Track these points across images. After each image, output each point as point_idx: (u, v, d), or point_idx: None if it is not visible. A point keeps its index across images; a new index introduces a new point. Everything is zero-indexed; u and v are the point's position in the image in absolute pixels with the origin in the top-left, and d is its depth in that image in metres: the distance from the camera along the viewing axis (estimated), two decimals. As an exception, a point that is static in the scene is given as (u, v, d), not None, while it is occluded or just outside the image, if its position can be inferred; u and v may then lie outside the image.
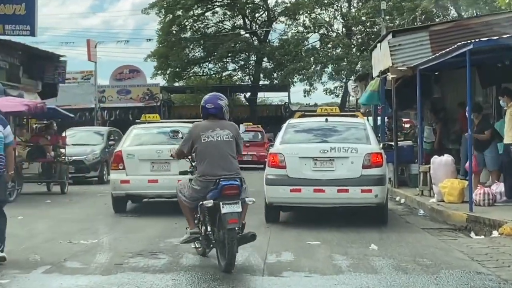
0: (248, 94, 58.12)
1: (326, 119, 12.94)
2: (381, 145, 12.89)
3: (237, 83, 57.96)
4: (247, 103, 58.34)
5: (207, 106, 8.63)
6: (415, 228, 11.97)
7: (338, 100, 54.74)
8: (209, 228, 8.33)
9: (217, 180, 8.16)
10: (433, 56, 14.89)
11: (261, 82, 55.85)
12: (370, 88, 20.36)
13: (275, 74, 53.24)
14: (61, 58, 30.16)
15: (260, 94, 58.90)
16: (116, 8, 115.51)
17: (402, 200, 16.12)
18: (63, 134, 21.29)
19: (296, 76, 51.30)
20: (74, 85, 53.69)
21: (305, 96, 55.43)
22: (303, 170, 11.92)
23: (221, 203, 8.02)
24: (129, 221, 12.85)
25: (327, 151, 11.94)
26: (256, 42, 54.29)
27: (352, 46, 50.97)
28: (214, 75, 58.93)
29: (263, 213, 12.51)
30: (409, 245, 9.97)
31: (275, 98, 61.71)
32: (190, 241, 8.72)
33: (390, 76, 17.03)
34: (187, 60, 54.89)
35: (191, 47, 54.44)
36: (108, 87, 53.40)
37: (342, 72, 50.35)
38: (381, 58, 19.56)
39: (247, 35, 55.10)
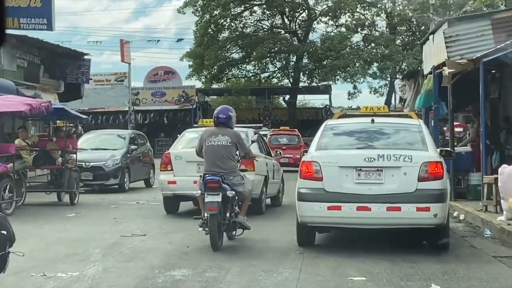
0: (287, 97, 55.85)
1: (372, 120, 10.55)
2: (439, 151, 10.45)
3: (277, 84, 55.70)
4: (286, 106, 56.05)
5: (220, 116, 10.64)
6: (484, 256, 9.55)
7: (382, 102, 52.30)
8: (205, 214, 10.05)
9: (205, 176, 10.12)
10: (503, 45, 12.43)
11: (301, 84, 53.52)
12: (425, 88, 17.79)
13: (316, 74, 50.86)
14: (85, 57, 28.19)
15: (300, 97, 56.49)
16: (157, 12, 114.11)
17: (462, 217, 13.67)
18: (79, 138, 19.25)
19: (338, 74, 48.84)
20: (108, 87, 52.21)
21: (349, 98, 53.12)
22: (343, 183, 9.60)
23: (205, 193, 10.01)
24: (133, 242, 10.63)
25: (374, 159, 9.59)
26: (296, 43, 52.00)
27: (398, 45, 48.36)
28: (252, 77, 56.78)
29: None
30: (483, 284, 7.60)
31: (315, 101, 59.22)
32: (200, 225, 10.12)
33: (446, 71, 14.56)
34: (224, 61, 52.88)
35: (228, 47, 52.27)
36: (143, 89, 51.71)
37: (387, 70, 47.85)
38: (434, 52, 17.13)
39: (287, 34, 52.84)
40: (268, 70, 55.21)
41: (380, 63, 47.99)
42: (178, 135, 45.57)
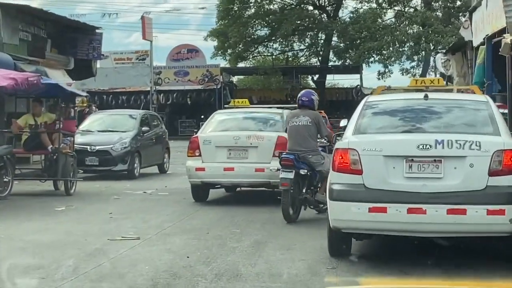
0: (316, 77, 53.33)
1: (426, 96, 8.16)
2: None
3: (305, 63, 53.13)
4: (314, 86, 53.52)
5: (303, 98, 11.14)
6: None
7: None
8: None
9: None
10: None
11: (330, 64, 50.97)
12: (478, 61, 15.30)
13: (347, 54, 48.21)
14: (97, 30, 25.98)
15: (329, 77, 53.88)
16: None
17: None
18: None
19: (373, 57, 46.18)
20: (129, 66, 50.10)
21: (379, 78, 50.37)
22: (390, 178, 7.31)
23: (280, 170, 10.64)
24: (120, 249, 8.43)
25: (430, 146, 7.26)
26: (325, 19, 49.41)
27: (435, 22, 45.58)
28: (280, 56, 54.30)
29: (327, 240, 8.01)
30: None
31: (344, 81, 56.69)
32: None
33: (508, 38, 12.10)
34: (250, 38, 50.46)
35: (254, 23, 49.74)
36: (165, 68, 49.53)
37: (422, 52, 45.24)
38: (488, 19, 14.67)
39: (315, 11, 50.24)
40: (296, 49, 52.66)
41: (415, 44, 45.28)
42: (202, 116, 43.98)
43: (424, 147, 7.25)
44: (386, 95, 8.87)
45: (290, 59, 54.62)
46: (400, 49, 45.54)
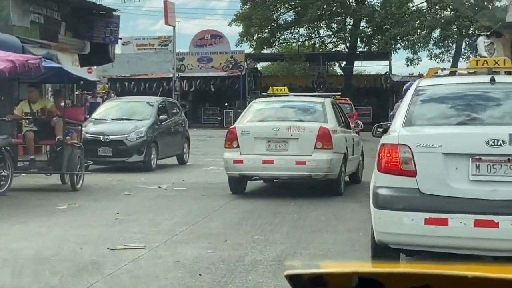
0: (343, 64, 51.66)
1: (492, 79, 6.64)
2: None
3: (331, 50, 51.41)
4: (341, 73, 51.90)
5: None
6: None
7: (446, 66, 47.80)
8: None
9: None
10: None
11: (358, 50, 49.23)
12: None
13: (374, 40, 46.51)
14: (114, 13, 24.61)
15: (357, 64, 52.16)
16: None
17: None
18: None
19: (399, 43, 44.45)
20: (151, 52, 48.82)
21: (407, 65, 48.55)
22: (451, 181, 5.82)
23: None
24: (118, 264, 7.02)
25: (504, 142, 5.76)
26: (353, 4, 47.66)
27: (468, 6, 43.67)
28: (306, 42, 52.63)
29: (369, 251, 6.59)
30: None
31: (372, 68, 54.87)
32: None
33: None
34: (275, 23, 48.84)
35: (278, 7, 48.07)
36: (188, 54, 48.10)
37: (450, 38, 43.45)
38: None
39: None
40: (322, 35, 50.95)
41: (443, 30, 43.45)
42: (226, 104, 42.46)
43: (495, 143, 5.75)
44: (441, 78, 7.36)
45: (317, 45, 52.98)
46: (427, 35, 43.67)
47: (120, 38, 24.96)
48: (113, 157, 17.25)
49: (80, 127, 13.74)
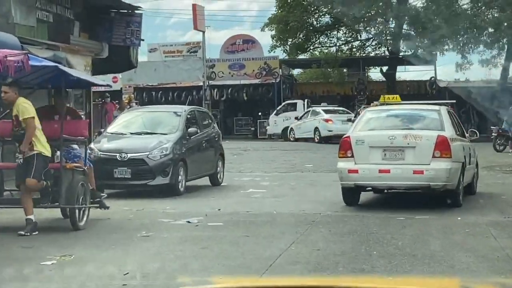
0: (385, 68, 48.16)
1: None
2: None
3: (370, 54, 48.01)
4: (384, 79, 48.39)
5: None
6: None
7: (497, 74, 44.24)
8: None
9: None
10: None
11: (401, 54, 45.70)
12: None
13: (419, 42, 42.95)
14: (136, 11, 21.56)
15: (400, 69, 48.54)
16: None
17: None
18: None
19: (447, 45, 40.92)
20: (179, 59, 46.00)
21: (457, 70, 44.92)
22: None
23: None
24: None
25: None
26: (395, 4, 44.24)
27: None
28: (343, 46, 49.33)
29: None
30: None
31: (416, 73, 51.26)
32: None
33: None
34: (312, 27, 45.63)
35: (316, 9, 44.83)
36: (219, 61, 45.08)
37: (504, 39, 39.85)
38: None
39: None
40: (362, 38, 47.58)
41: (495, 31, 39.87)
42: (260, 114, 39.38)
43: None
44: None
45: (355, 49, 49.67)
46: (478, 36, 40.10)
47: (143, 40, 21.85)
48: (133, 180, 14.15)
49: (85, 144, 10.49)
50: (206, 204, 12.79)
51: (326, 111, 36.47)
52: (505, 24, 39.59)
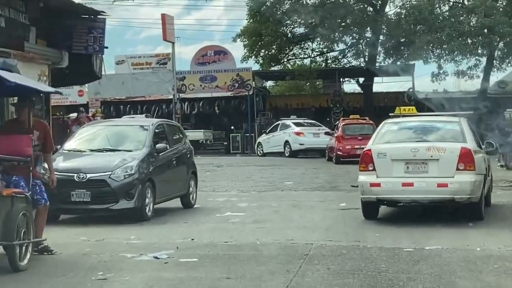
0: (361, 80, 46.70)
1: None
2: None
3: (347, 65, 46.52)
4: (360, 90, 46.94)
5: None
6: None
7: (478, 84, 42.97)
8: None
9: None
10: None
11: (378, 65, 44.21)
12: None
13: (399, 52, 41.52)
14: (99, 16, 19.69)
15: (377, 80, 47.03)
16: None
17: None
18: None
19: (432, 52, 39.49)
20: (148, 72, 44.32)
21: (433, 81, 43.52)
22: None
23: None
24: None
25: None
26: (371, 13, 42.85)
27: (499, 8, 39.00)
28: (318, 57, 47.83)
29: None
30: None
31: (394, 84, 49.80)
32: None
33: None
34: (286, 38, 44.13)
35: (289, 22, 43.26)
36: (189, 73, 43.32)
37: (488, 46, 38.55)
38: None
39: (361, 4, 43.56)
40: (337, 49, 46.08)
41: (480, 37, 38.58)
42: (232, 128, 37.72)
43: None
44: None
45: (330, 61, 48.22)
46: (464, 42, 38.70)
47: (106, 47, 19.88)
48: (93, 204, 12.33)
49: (29, 164, 8.60)
50: (177, 232, 11.01)
51: (297, 124, 35.06)
52: (485, 30, 38.41)
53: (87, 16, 19.28)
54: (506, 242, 9.41)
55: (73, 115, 25.73)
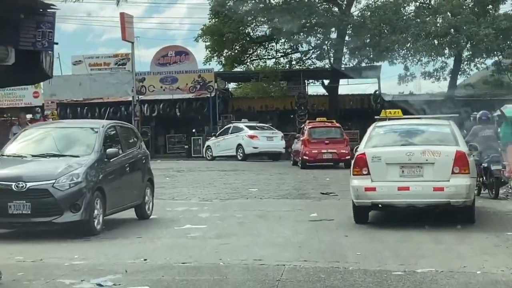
0: (326, 82, 45.56)
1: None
2: None
3: (312, 67, 45.33)
4: (325, 93, 45.79)
5: (483, 117, 15.95)
6: None
7: (445, 86, 42.26)
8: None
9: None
10: None
11: (343, 67, 43.13)
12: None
13: (364, 52, 40.46)
14: (49, 10, 18.16)
15: (342, 82, 45.92)
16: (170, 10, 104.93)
17: None
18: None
19: (396, 53, 38.55)
20: (107, 73, 42.51)
21: (399, 83, 42.64)
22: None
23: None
24: None
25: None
26: (337, 13, 41.71)
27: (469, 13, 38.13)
28: (282, 58, 46.59)
29: None
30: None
31: (359, 86, 48.88)
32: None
33: None
34: (249, 38, 42.88)
35: (252, 20, 41.95)
36: (149, 74, 41.79)
37: (456, 45, 37.64)
38: None
39: (325, 5, 42.41)
40: (302, 50, 44.94)
41: (447, 37, 37.70)
42: (194, 130, 36.22)
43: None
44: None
45: (294, 62, 46.97)
46: (430, 43, 37.78)
47: (56, 43, 18.29)
48: (33, 217, 10.86)
49: None
50: (128, 250, 9.62)
51: (250, 127, 33.87)
52: (452, 30, 37.56)
53: (35, 10, 17.85)
54: (507, 262, 8.17)
55: (28, 116, 24.08)
